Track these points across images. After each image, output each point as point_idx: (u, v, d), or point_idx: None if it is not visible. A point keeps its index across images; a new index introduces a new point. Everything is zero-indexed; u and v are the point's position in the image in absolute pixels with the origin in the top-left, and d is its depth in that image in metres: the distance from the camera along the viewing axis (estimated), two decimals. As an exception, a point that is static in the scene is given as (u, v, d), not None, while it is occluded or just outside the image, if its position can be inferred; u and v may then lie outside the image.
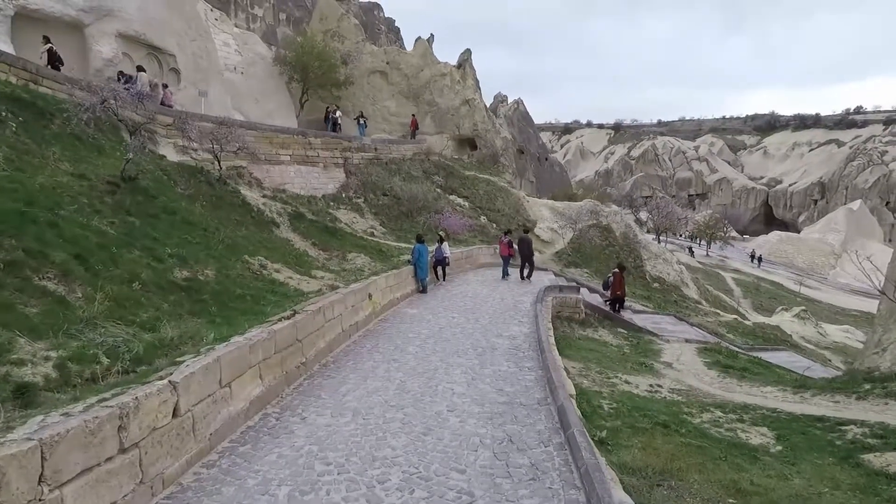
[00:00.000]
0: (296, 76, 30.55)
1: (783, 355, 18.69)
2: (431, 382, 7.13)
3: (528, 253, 17.31)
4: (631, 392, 9.50)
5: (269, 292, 9.03)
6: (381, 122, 33.59)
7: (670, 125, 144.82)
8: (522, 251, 17.30)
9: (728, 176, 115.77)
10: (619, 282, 16.48)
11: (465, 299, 14.01)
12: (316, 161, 21.32)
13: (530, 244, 17.26)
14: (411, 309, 12.73)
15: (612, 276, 16.94)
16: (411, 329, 10.61)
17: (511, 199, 27.87)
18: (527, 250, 17.28)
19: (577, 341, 13.69)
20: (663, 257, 26.70)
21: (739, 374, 12.49)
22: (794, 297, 40.63)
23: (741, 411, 8.66)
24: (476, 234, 23.01)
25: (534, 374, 7.68)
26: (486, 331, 10.69)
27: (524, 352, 9.11)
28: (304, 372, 7.27)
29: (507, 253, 17.57)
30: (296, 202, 17.90)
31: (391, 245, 18.35)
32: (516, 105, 63.98)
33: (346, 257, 15.31)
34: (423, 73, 34.22)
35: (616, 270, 16.78)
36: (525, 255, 17.30)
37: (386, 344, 9.31)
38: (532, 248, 17.28)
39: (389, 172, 24.30)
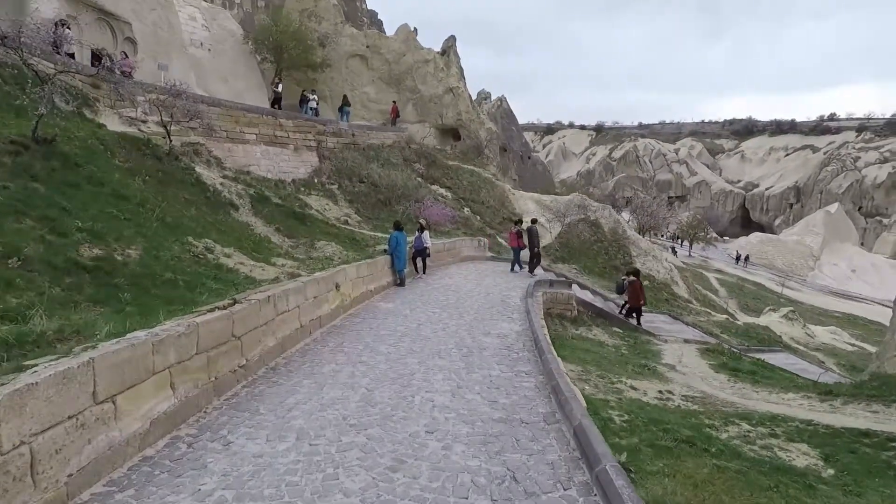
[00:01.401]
0: (269, 56, 28.67)
1: (780, 357, 17.70)
2: (406, 391, 5.63)
3: (534, 245, 16.00)
4: (640, 400, 8.16)
5: (210, 278, 7.41)
6: (359, 108, 31.84)
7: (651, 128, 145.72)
8: (529, 242, 16.00)
9: (707, 179, 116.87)
10: (639, 289, 15.13)
11: (448, 293, 12.53)
12: (286, 142, 19.57)
13: (537, 235, 15.94)
14: (386, 303, 11.19)
15: (625, 280, 15.49)
16: (385, 325, 9.08)
17: (496, 192, 26.49)
18: (533, 242, 15.97)
19: (571, 341, 12.33)
20: (653, 254, 25.65)
21: (750, 378, 11.32)
22: (777, 298, 40.26)
23: (771, 423, 7.39)
24: (459, 226, 21.53)
25: (532, 380, 6.23)
26: (472, 328, 9.23)
27: (517, 352, 7.66)
28: (242, 377, 5.69)
29: (517, 244, 16.26)
30: (261, 185, 16.18)
31: (366, 234, 16.76)
32: (500, 102, 62.74)
33: (314, 245, 13.68)
34: (406, 59, 32.59)
35: (633, 278, 15.30)
36: (532, 247, 16.00)
37: (353, 342, 7.77)
38: (539, 239, 15.98)
39: (367, 158, 22.65)
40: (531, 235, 15.86)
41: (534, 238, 15.81)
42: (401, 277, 13.32)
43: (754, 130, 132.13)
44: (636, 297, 14.93)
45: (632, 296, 15.03)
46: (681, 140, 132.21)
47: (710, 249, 57.05)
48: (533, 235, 15.79)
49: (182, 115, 12.92)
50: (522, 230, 16.38)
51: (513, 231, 16.68)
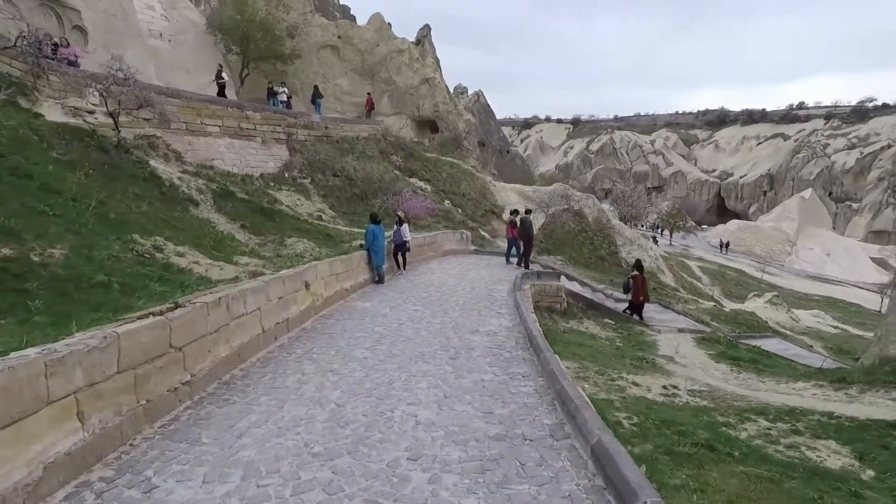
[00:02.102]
0: (234, 47, 27.31)
1: (773, 342, 17.30)
2: (384, 405, 4.74)
3: (527, 236, 15.14)
4: (646, 398, 7.41)
5: (155, 280, 6.39)
6: (332, 101, 30.67)
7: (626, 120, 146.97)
8: (522, 234, 15.14)
9: (683, 169, 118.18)
10: (642, 285, 14.41)
11: (430, 289, 11.65)
12: (252, 135, 18.40)
13: (530, 226, 15.08)
14: (364, 301, 10.26)
15: (630, 278, 14.78)
16: (362, 326, 8.16)
17: (477, 184, 25.67)
18: (525, 233, 15.11)
19: (563, 335, 11.59)
20: (637, 243, 25.18)
21: (752, 366, 10.73)
22: (758, 284, 40.46)
23: (790, 418, 6.72)
24: (440, 220, 20.66)
25: (531, 383, 5.40)
26: (458, 326, 8.37)
27: (510, 351, 6.83)
28: (186, 396, 4.73)
29: (513, 235, 15.45)
30: (225, 180, 15.05)
31: (341, 230, 15.76)
32: (477, 97, 61.92)
33: (284, 242, 12.65)
34: (379, 49, 31.51)
35: (635, 273, 14.60)
36: (524, 239, 15.13)
37: (325, 347, 6.83)
38: (532, 231, 15.10)
39: (341, 151, 21.58)
40: (524, 227, 15.03)
41: (528, 230, 14.97)
42: (379, 274, 12.39)
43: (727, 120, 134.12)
44: (637, 294, 14.28)
45: (636, 291, 14.37)
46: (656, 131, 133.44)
47: (690, 238, 57.33)
48: (526, 227, 14.97)
49: (132, 103, 11.72)
50: (517, 220, 15.60)
51: (509, 221, 15.92)
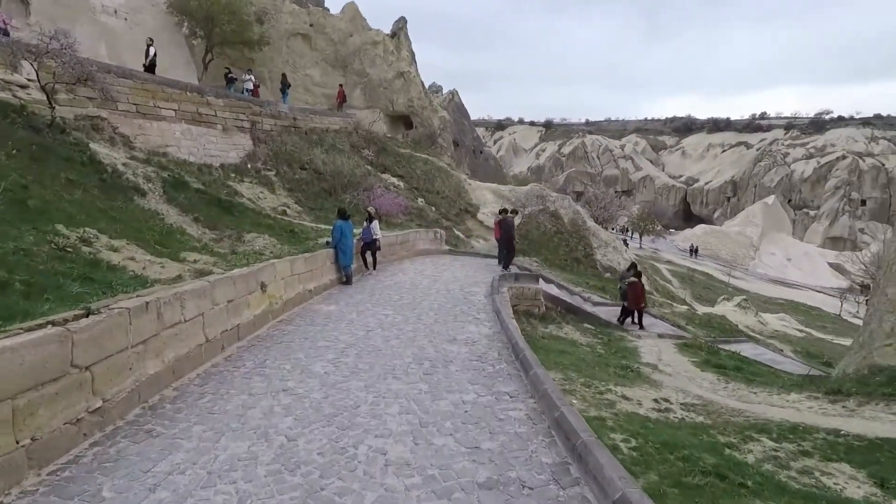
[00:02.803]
0: (198, 30, 25.70)
1: (748, 347, 17.16)
2: (346, 439, 3.87)
3: (507, 237, 14.41)
4: (638, 414, 6.75)
5: (74, 279, 5.33)
6: (302, 92, 29.35)
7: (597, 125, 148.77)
8: (502, 234, 14.42)
9: (651, 174, 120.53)
10: (641, 291, 13.85)
11: (402, 291, 10.80)
12: (213, 122, 17.11)
13: (512, 227, 14.35)
14: (328, 305, 9.33)
15: (628, 284, 14.19)
16: (325, 334, 7.25)
17: (452, 181, 24.88)
18: (505, 234, 14.38)
19: (543, 341, 10.89)
20: (613, 245, 24.87)
21: (738, 375, 10.29)
22: (726, 287, 41.10)
23: (794, 437, 6.17)
24: (413, 218, 19.78)
25: (521, 406, 4.63)
26: (434, 333, 7.55)
27: (493, 364, 6.06)
28: (95, 428, 3.75)
29: (499, 234, 14.71)
30: (179, 168, 13.80)
31: (307, 226, 14.71)
32: (451, 96, 61.15)
33: (242, 238, 11.57)
34: (353, 40, 30.36)
35: (633, 279, 14.02)
36: (504, 240, 14.40)
37: (280, 360, 5.90)
38: (513, 232, 14.37)
39: (309, 143, 20.44)
40: (506, 227, 14.33)
41: (508, 230, 14.27)
42: (347, 274, 11.47)
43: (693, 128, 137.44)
44: (637, 300, 13.74)
45: (632, 298, 13.82)
46: (626, 137, 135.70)
47: (659, 241, 58.08)
48: (508, 227, 14.27)
49: (69, 78, 10.42)
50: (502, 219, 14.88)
51: (496, 221, 15.20)
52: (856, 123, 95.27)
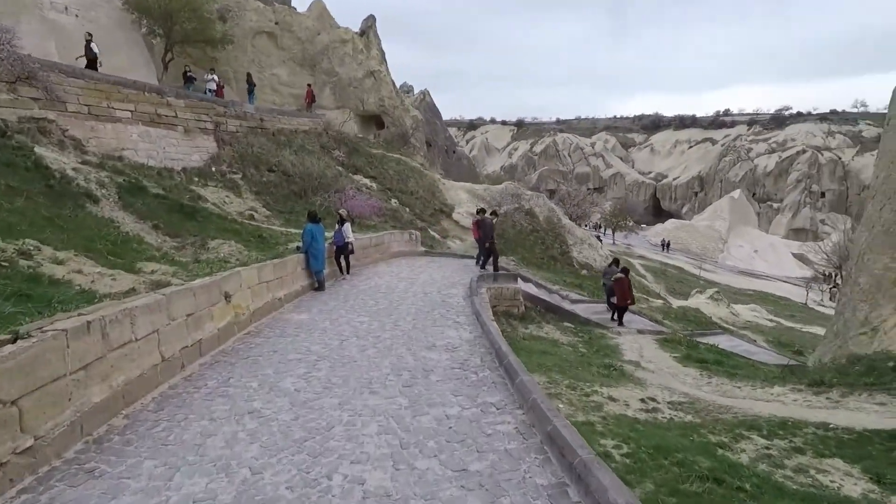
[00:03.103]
0: (157, 28, 24.63)
1: (724, 339, 17.32)
2: (319, 467, 3.48)
3: (486, 238, 14.08)
4: (627, 416, 6.52)
5: (8, 297, 4.75)
6: (269, 92, 28.51)
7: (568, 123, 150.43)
8: (483, 236, 14.09)
9: (621, 171, 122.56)
10: (628, 288, 13.73)
11: (378, 296, 10.39)
12: (173, 123, 16.32)
13: (490, 228, 14.03)
14: (300, 313, 8.86)
15: (614, 281, 14.07)
16: (296, 346, 6.80)
17: (426, 181, 24.51)
18: (485, 235, 14.06)
19: (524, 342, 10.64)
20: (588, 242, 24.92)
21: (720, 369, 10.25)
22: (697, 280, 41.86)
23: (784, 432, 6.04)
24: (387, 219, 19.34)
25: (510, 419, 4.30)
26: (412, 340, 7.18)
27: (475, 372, 5.72)
28: (25, 472, 3.26)
29: (478, 235, 14.38)
30: (137, 173, 13.05)
31: (276, 230, 14.13)
32: (423, 96, 60.78)
33: (206, 245, 10.94)
34: (321, 38, 29.65)
35: (620, 275, 13.88)
36: (484, 242, 14.07)
37: (246, 377, 5.44)
38: (492, 232, 14.04)
39: (277, 145, 19.77)
40: (485, 228, 14.03)
41: (488, 231, 13.97)
42: (319, 280, 11.00)
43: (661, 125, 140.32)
44: (624, 296, 13.63)
45: (619, 294, 13.69)
46: (596, 134, 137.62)
47: (632, 237, 58.91)
48: (487, 228, 13.98)
49: (8, 75, 9.64)
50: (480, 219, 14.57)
51: (474, 221, 14.88)
52: (814, 119, 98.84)
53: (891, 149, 9.95)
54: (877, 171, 10.62)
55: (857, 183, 76.84)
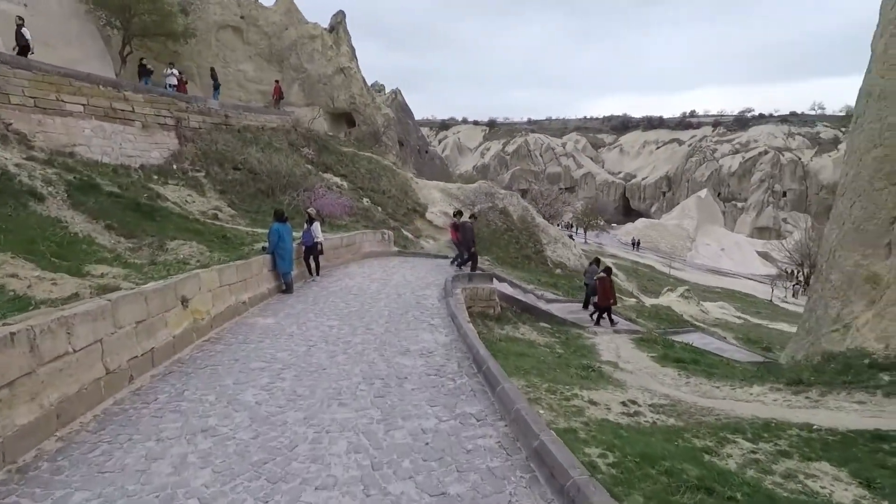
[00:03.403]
0: (114, 20, 23.46)
1: (695, 337, 17.49)
2: (278, 496, 3.09)
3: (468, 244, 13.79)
4: (609, 421, 6.30)
5: (-78, 306, 4.17)
6: (235, 88, 27.59)
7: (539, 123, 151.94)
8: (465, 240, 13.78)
9: (592, 171, 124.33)
10: (610, 287, 13.66)
11: (349, 298, 9.95)
12: (130, 118, 15.46)
13: (472, 232, 13.75)
14: (265, 317, 8.36)
15: (597, 280, 13.96)
16: (259, 353, 6.33)
17: (398, 180, 24.06)
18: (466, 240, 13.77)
19: (501, 344, 10.37)
20: (562, 241, 24.94)
21: (697, 369, 10.19)
22: (667, 279, 42.58)
23: (768, 434, 5.91)
24: (358, 219, 18.84)
25: (491, 432, 3.98)
26: (385, 345, 6.80)
27: (453, 379, 5.39)
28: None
29: (457, 238, 14.06)
30: (90, 170, 12.26)
31: (242, 230, 13.50)
32: (394, 95, 60.12)
33: (164, 246, 10.29)
34: (288, 33, 28.85)
35: (602, 275, 13.80)
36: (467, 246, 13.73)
37: (202, 389, 4.97)
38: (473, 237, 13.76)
39: (243, 142, 19.02)
40: (465, 232, 13.75)
41: (468, 235, 13.69)
42: (286, 282, 10.48)
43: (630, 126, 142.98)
44: (606, 296, 13.54)
45: (601, 294, 13.59)
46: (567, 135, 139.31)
47: (603, 236, 59.66)
48: (467, 232, 13.70)
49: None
50: (459, 223, 14.24)
51: (451, 223, 14.55)
52: (775, 121, 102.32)
53: (858, 147, 10.07)
54: (846, 168, 10.76)
55: (815, 183, 79.89)
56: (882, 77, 9.49)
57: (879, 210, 9.17)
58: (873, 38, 10.63)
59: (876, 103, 9.64)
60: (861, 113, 10.18)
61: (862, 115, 10.13)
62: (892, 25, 9.55)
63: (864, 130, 9.86)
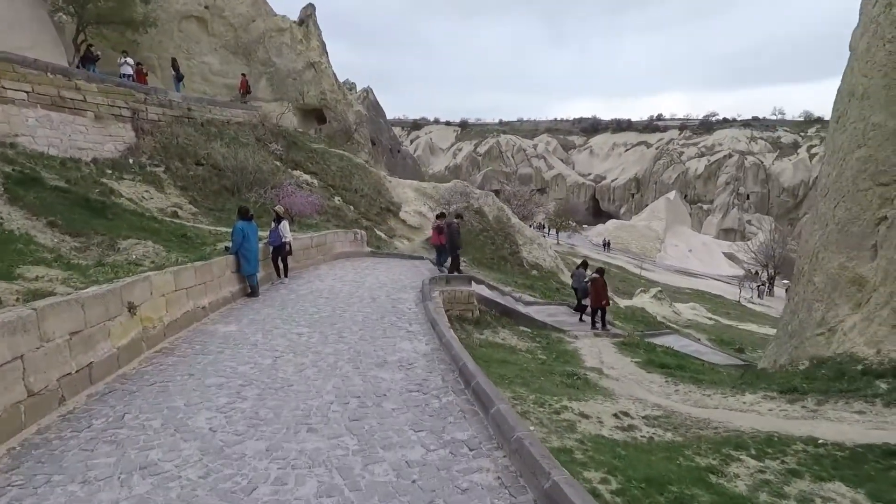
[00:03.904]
0: (66, 6, 21.95)
1: (672, 339, 17.42)
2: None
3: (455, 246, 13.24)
4: (603, 436, 5.84)
5: None
6: (199, 81, 26.30)
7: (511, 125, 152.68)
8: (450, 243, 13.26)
9: (563, 172, 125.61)
10: (603, 289, 13.32)
11: (320, 302, 9.27)
12: (82, 108, 14.32)
13: (458, 234, 13.24)
14: (227, 325, 7.62)
15: (588, 281, 13.60)
16: (218, 366, 5.63)
17: (371, 179, 23.33)
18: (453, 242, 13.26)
19: (481, 350, 9.88)
20: (538, 242, 24.67)
21: (684, 375, 9.91)
22: (639, 280, 43.01)
23: (773, 450, 5.54)
24: (329, 218, 18.06)
25: (487, 464, 3.43)
26: (360, 355, 6.19)
27: (437, 395, 4.83)
28: None
29: (438, 241, 13.55)
30: (33, 162, 11.20)
31: (204, 229, 12.61)
32: (365, 94, 59.08)
33: (115, 246, 9.39)
34: (256, 26, 27.70)
35: (596, 276, 13.46)
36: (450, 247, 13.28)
37: (147, 412, 4.27)
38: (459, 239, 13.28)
39: (207, 136, 17.99)
40: (451, 233, 13.23)
41: (455, 237, 13.17)
42: (252, 285, 9.74)
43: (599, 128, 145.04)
44: (599, 297, 13.20)
45: (594, 296, 13.23)
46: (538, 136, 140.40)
47: (575, 237, 60.07)
48: (454, 234, 13.19)
49: None
50: (443, 225, 13.69)
51: (435, 226, 13.99)
52: (738, 125, 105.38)
53: (841, 147, 9.98)
54: (827, 168, 10.67)
55: (777, 185, 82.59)
56: (865, 76, 9.39)
57: (864, 211, 9.04)
58: (852, 38, 10.58)
59: (859, 103, 9.54)
60: (843, 112, 10.09)
61: (844, 114, 10.04)
62: (874, 24, 9.46)
63: (847, 130, 9.76)
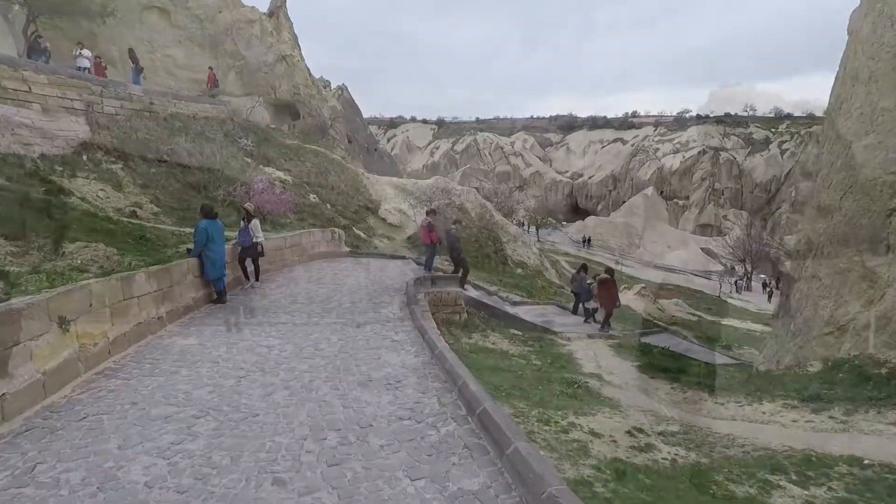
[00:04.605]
0: (14, -7, 20.39)
1: (662, 338, 16.91)
2: None
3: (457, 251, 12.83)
4: (621, 460, 5.12)
5: None
6: (163, 75, 24.86)
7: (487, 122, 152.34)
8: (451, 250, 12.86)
9: (540, 170, 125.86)
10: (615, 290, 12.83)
11: (294, 308, 8.36)
12: (28, 101, 13.04)
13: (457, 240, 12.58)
14: (186, 337, 6.67)
15: (592, 281, 12.91)
16: (169, 390, 4.71)
17: (348, 176, 22.33)
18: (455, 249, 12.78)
19: (471, 355, 9.10)
20: (522, 240, 24.06)
21: (690, 379, 9.27)
22: (620, 276, 42.83)
23: (815, 473, 4.89)
24: (304, 217, 17.06)
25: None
26: (339, 371, 5.33)
27: (435, 424, 4.03)
28: None
29: (429, 240, 12.69)
30: (-36, 157, 9.95)
31: (166, 230, 11.51)
32: (340, 91, 57.71)
33: (60, 250, 8.29)
34: (223, 17, 26.37)
35: (606, 276, 12.84)
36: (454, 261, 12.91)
37: (67, 460, 3.35)
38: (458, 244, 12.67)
39: (170, 131, 16.77)
40: (451, 244, 12.50)
41: (454, 244, 12.42)
42: (218, 290, 8.78)
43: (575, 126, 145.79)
44: (613, 299, 12.51)
45: (607, 298, 12.53)
46: (515, 134, 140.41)
47: (555, 234, 59.88)
48: (453, 243, 12.45)
49: None
50: (434, 223, 12.90)
51: (424, 224, 13.19)
52: (711, 121, 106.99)
53: (845, 134, 9.50)
54: (828, 157, 10.21)
55: (750, 181, 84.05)
56: (872, 58, 8.90)
57: (874, 202, 8.55)
58: (851, 20, 10.15)
59: (865, 87, 9.07)
60: (847, 98, 9.61)
61: (848, 100, 9.56)
62: (880, 3, 8.99)
63: (853, 116, 9.27)
